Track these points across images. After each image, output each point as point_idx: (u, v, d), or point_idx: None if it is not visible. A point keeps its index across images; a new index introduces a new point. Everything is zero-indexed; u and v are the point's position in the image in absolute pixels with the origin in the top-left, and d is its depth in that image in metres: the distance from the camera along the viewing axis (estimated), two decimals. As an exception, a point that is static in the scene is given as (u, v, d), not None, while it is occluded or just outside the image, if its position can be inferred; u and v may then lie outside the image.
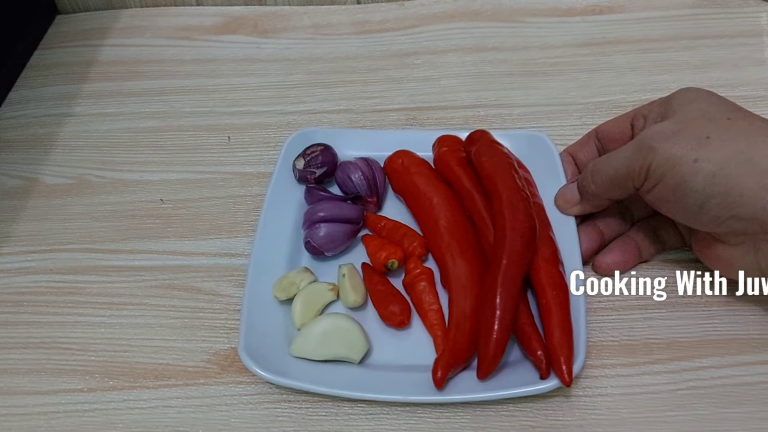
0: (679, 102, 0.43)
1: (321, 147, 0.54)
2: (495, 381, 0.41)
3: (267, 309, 0.46)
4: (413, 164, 0.52)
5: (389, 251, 0.48)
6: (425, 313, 0.45)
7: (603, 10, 0.71)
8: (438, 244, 0.47)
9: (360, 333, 0.44)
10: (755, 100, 0.59)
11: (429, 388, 0.41)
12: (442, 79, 0.65)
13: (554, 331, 0.41)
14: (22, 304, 0.50)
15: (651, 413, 0.41)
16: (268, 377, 0.42)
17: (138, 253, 0.53)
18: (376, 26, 0.72)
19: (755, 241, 0.39)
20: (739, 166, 0.37)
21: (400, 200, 0.53)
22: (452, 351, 0.42)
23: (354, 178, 0.52)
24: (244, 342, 0.43)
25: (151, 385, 0.45)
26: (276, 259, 0.49)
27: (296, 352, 0.44)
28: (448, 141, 0.53)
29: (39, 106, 0.66)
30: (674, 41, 0.66)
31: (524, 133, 0.55)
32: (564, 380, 0.39)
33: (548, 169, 0.51)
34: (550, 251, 0.45)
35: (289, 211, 0.52)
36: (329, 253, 0.49)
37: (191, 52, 0.71)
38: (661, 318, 0.45)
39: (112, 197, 0.57)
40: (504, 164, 0.48)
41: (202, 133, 0.62)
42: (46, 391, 0.45)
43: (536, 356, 0.41)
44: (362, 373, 0.43)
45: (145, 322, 0.48)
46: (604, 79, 0.63)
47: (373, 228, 0.51)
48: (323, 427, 0.42)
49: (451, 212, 0.49)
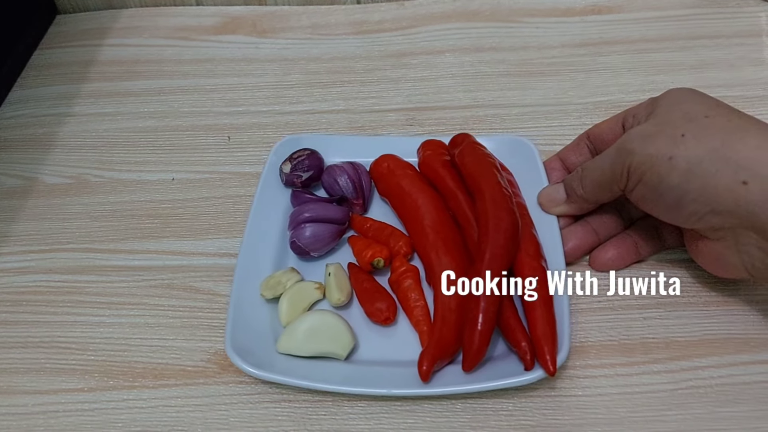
0: (665, 102, 0.44)
1: (307, 151, 0.54)
2: (481, 373, 0.42)
3: (254, 308, 0.46)
4: (398, 167, 0.53)
5: (375, 250, 0.48)
6: (411, 310, 0.46)
7: (600, 11, 0.71)
8: (423, 242, 0.48)
9: (346, 328, 0.44)
10: (752, 100, 0.60)
11: (416, 382, 0.41)
12: (439, 79, 0.65)
13: (538, 323, 0.42)
14: (22, 303, 0.50)
15: (649, 412, 0.41)
16: (255, 373, 0.42)
17: (137, 252, 0.53)
18: (374, 26, 0.72)
19: (735, 235, 0.40)
20: (713, 162, 0.38)
21: (385, 203, 0.54)
22: (438, 344, 0.42)
23: (341, 181, 0.52)
24: (231, 339, 0.43)
25: (151, 385, 0.45)
26: (263, 260, 0.49)
27: (282, 348, 0.44)
28: (432, 145, 0.54)
29: (38, 106, 0.66)
30: (671, 41, 0.67)
31: (507, 138, 0.56)
32: (548, 370, 0.40)
33: (530, 172, 0.52)
34: (533, 247, 0.46)
35: (276, 215, 0.52)
36: (315, 253, 0.50)
37: (190, 52, 0.71)
38: (659, 318, 0.46)
39: (111, 197, 0.57)
40: (486, 164, 0.49)
41: (200, 133, 0.62)
42: (46, 390, 0.45)
43: (521, 348, 0.41)
44: (348, 368, 0.44)
45: (144, 322, 0.48)
46: (601, 79, 0.64)
47: (359, 229, 0.52)
48: (322, 427, 0.42)
49: (436, 212, 0.49)
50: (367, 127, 0.61)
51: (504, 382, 0.41)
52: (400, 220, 0.52)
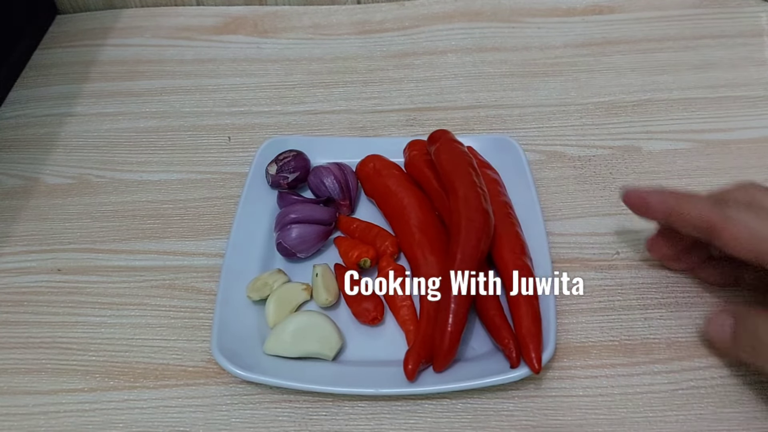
0: None
1: (293, 153, 0.54)
2: (468, 371, 0.42)
3: (241, 310, 0.46)
4: (384, 167, 0.53)
5: (361, 250, 0.48)
6: (398, 310, 0.46)
7: (603, 10, 0.71)
8: (410, 242, 0.48)
9: (333, 329, 0.44)
10: (755, 100, 0.59)
11: (404, 381, 0.41)
12: (441, 79, 0.65)
13: (523, 321, 0.42)
14: (23, 303, 0.50)
15: (650, 413, 0.41)
16: (242, 374, 0.42)
17: (138, 253, 0.53)
18: (376, 26, 0.72)
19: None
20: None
21: (372, 204, 0.54)
22: (423, 343, 0.42)
23: (327, 182, 0.52)
24: (217, 341, 0.43)
25: (152, 385, 0.45)
26: (249, 262, 0.49)
27: (270, 349, 0.44)
28: (418, 145, 0.54)
29: (39, 106, 0.66)
30: (674, 41, 0.67)
31: (492, 137, 0.56)
32: (533, 368, 0.40)
33: (516, 171, 0.52)
34: (519, 245, 0.46)
35: (263, 217, 0.52)
36: (301, 254, 0.49)
37: (191, 52, 0.71)
38: (661, 318, 0.46)
39: (113, 197, 0.57)
40: (461, 162, 0.48)
41: (202, 133, 0.62)
42: (47, 390, 0.45)
43: (506, 346, 0.41)
44: (336, 368, 0.44)
45: (146, 322, 0.48)
46: (604, 79, 0.63)
47: (346, 230, 0.52)
48: (323, 427, 0.42)
49: (422, 212, 0.49)
50: (368, 127, 0.61)
51: (489, 380, 0.41)
52: (387, 220, 0.52)
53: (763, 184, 0.41)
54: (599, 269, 0.49)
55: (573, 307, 0.47)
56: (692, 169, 0.55)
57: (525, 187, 0.51)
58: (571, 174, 0.56)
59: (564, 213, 0.53)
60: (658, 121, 0.59)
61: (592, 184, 0.55)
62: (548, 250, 0.47)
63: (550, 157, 0.57)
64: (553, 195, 0.54)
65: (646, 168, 0.55)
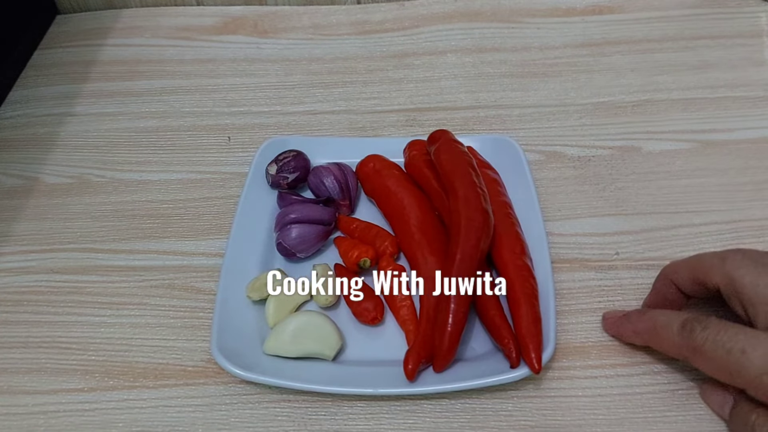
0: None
1: (293, 153, 0.54)
2: (468, 371, 0.42)
3: (240, 310, 0.46)
4: (384, 167, 0.53)
5: (361, 250, 0.48)
6: (397, 310, 0.46)
7: (602, 11, 0.71)
8: (409, 242, 0.48)
9: (333, 329, 0.44)
10: (754, 100, 0.59)
11: (403, 381, 0.41)
12: (441, 79, 0.65)
13: (523, 321, 0.42)
14: (22, 303, 0.50)
15: (650, 413, 0.41)
16: (242, 374, 0.42)
17: (138, 252, 0.53)
18: (376, 27, 0.72)
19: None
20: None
21: (372, 204, 0.54)
22: (423, 343, 0.42)
23: (327, 182, 0.52)
24: (217, 341, 0.43)
25: (151, 385, 0.45)
26: (249, 262, 0.49)
27: (269, 349, 0.44)
28: (418, 145, 0.54)
29: (39, 106, 0.66)
30: (673, 41, 0.67)
31: (491, 137, 0.56)
32: (533, 368, 0.40)
33: (516, 172, 0.52)
34: (519, 245, 0.46)
35: (263, 217, 0.52)
36: (301, 254, 0.50)
37: (191, 52, 0.71)
38: (660, 318, 0.45)
39: (113, 197, 0.57)
40: (461, 162, 0.48)
41: (201, 133, 0.62)
42: (46, 390, 0.45)
43: (506, 346, 0.42)
44: (336, 368, 0.44)
45: (145, 322, 0.48)
46: (604, 79, 0.64)
47: (346, 230, 0.52)
48: (322, 427, 0.42)
49: (422, 212, 0.49)
50: (368, 127, 0.61)
51: (489, 381, 0.41)
52: (387, 220, 0.52)
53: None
54: (599, 269, 0.49)
55: (573, 307, 0.47)
56: (692, 169, 0.55)
57: (524, 187, 0.51)
58: (570, 174, 0.56)
59: (563, 213, 0.53)
60: (658, 121, 0.59)
61: (591, 185, 0.55)
62: (548, 250, 0.47)
63: (549, 157, 0.57)
64: (553, 195, 0.54)
65: (645, 168, 0.56)
